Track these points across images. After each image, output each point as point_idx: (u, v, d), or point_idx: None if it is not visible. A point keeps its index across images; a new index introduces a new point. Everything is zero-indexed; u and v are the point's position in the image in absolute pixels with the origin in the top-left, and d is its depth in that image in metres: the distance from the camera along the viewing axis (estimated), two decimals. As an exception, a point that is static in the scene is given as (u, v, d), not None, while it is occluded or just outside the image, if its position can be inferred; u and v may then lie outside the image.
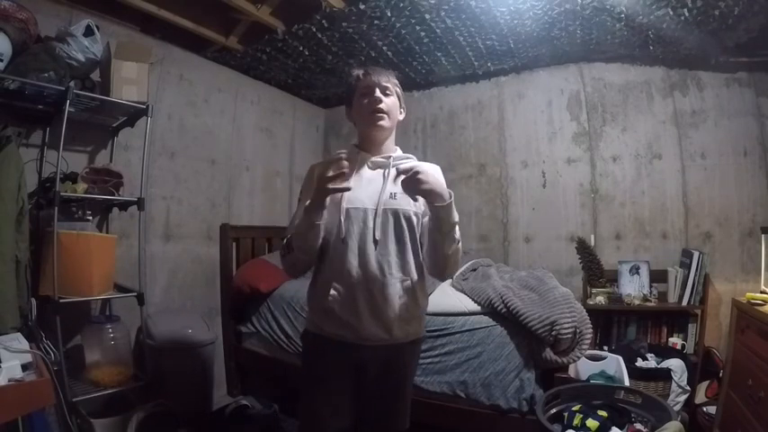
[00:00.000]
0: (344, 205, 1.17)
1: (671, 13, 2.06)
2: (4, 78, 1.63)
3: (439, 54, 2.78)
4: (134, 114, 2.10)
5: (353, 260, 1.16)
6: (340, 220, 1.17)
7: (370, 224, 1.17)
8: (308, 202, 1.12)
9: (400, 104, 1.29)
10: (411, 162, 1.26)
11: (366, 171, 1.25)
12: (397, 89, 1.27)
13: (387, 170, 1.24)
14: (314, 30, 2.40)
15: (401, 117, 1.30)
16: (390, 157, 1.26)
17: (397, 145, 1.34)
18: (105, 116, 2.12)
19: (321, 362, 1.22)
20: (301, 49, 2.64)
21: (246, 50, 2.71)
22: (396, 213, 1.20)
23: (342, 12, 2.22)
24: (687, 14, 2.04)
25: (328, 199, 1.11)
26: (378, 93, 1.22)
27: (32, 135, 1.96)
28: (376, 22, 2.31)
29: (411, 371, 1.31)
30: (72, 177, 1.93)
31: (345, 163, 1.09)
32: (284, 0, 2.27)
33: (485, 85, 3.23)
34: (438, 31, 2.44)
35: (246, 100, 3.12)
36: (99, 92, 1.94)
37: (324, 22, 2.32)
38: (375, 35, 2.47)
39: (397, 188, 1.16)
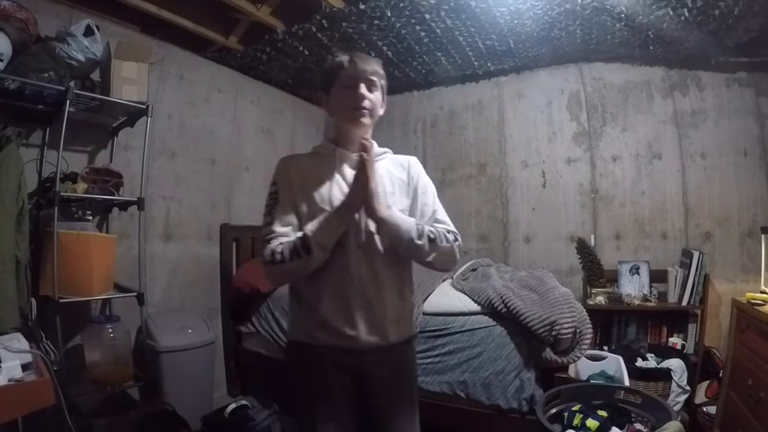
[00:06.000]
0: (331, 207, 1.08)
1: (671, 13, 2.06)
2: (4, 78, 1.63)
3: (439, 54, 2.78)
4: (134, 114, 2.10)
5: (345, 264, 1.07)
6: None
7: (360, 225, 1.09)
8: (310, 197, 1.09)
9: (383, 98, 1.17)
10: (389, 156, 1.23)
11: (347, 170, 1.14)
12: (383, 81, 1.16)
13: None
14: (314, 30, 2.40)
15: (381, 112, 1.18)
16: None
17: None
18: (105, 116, 2.12)
19: (318, 374, 1.10)
20: (301, 49, 2.64)
21: (246, 50, 2.71)
22: None
23: (342, 12, 2.22)
24: (687, 14, 2.05)
25: (307, 199, 1.09)
26: (363, 88, 1.10)
27: (32, 135, 1.96)
28: (376, 22, 2.32)
29: (413, 370, 1.25)
30: (72, 177, 1.92)
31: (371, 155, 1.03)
32: (284, 0, 2.27)
33: (485, 85, 3.23)
34: (438, 31, 2.44)
35: (246, 100, 3.12)
36: (99, 92, 1.93)
37: (324, 22, 2.32)
38: (375, 35, 2.47)
39: (380, 185, 1.11)
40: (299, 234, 1.04)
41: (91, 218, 2.13)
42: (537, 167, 3.04)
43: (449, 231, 1.12)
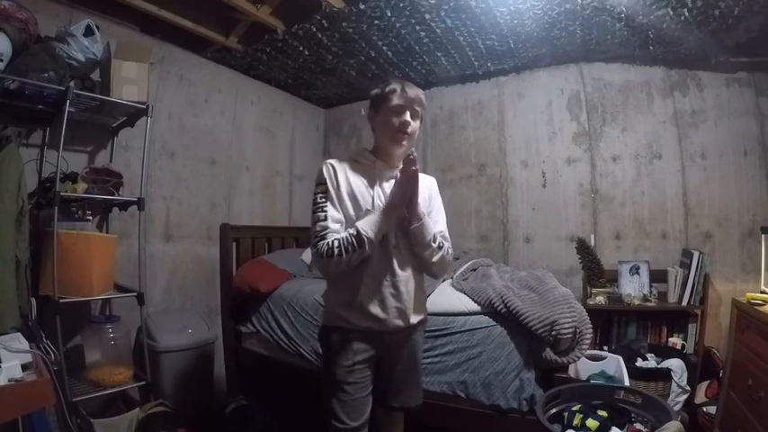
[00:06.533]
0: (373, 210, 1.30)
1: (671, 13, 2.06)
2: (4, 78, 1.63)
3: (439, 54, 2.78)
4: (134, 114, 2.10)
5: (383, 260, 1.30)
6: None
7: (396, 229, 1.31)
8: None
9: (420, 125, 1.39)
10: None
11: (384, 180, 1.36)
12: (423, 111, 1.37)
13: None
14: (314, 30, 2.40)
15: (416, 136, 1.39)
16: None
17: None
18: (105, 116, 2.12)
19: (346, 354, 1.31)
20: (301, 49, 2.64)
21: (246, 50, 2.71)
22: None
23: (342, 12, 2.22)
24: (687, 14, 2.04)
25: (352, 198, 1.30)
26: (408, 116, 1.30)
27: (32, 135, 1.96)
28: (376, 22, 2.32)
29: (420, 346, 1.49)
30: (72, 177, 1.93)
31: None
32: (284, 0, 2.27)
33: (485, 85, 3.23)
34: (438, 31, 2.44)
35: (246, 100, 3.12)
36: (99, 92, 1.94)
37: (324, 22, 2.32)
38: (375, 35, 2.47)
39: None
40: (352, 231, 1.23)
41: (91, 218, 2.13)
42: (537, 167, 3.03)
43: (449, 248, 1.39)
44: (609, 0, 2.06)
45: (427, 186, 1.45)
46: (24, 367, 1.23)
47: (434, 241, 1.31)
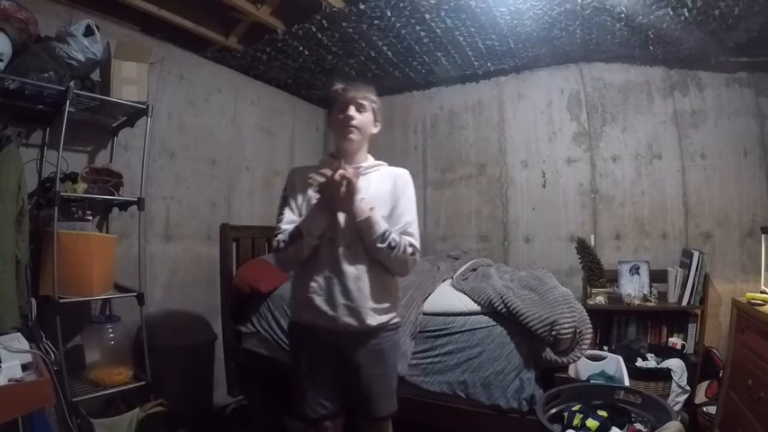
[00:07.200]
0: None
1: (671, 13, 2.06)
2: (4, 78, 1.63)
3: (439, 54, 2.78)
4: (134, 114, 2.10)
5: (333, 258, 1.32)
6: None
7: (348, 228, 1.31)
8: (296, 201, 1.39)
9: (375, 119, 1.42)
10: (383, 168, 1.45)
11: None
12: (374, 105, 1.40)
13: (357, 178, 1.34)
14: (314, 30, 2.40)
15: (375, 131, 1.43)
16: (360, 166, 1.38)
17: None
18: (105, 116, 2.12)
19: (304, 349, 1.38)
20: (301, 49, 2.64)
21: (246, 50, 2.71)
22: None
23: (342, 12, 2.22)
24: (687, 14, 2.05)
25: (307, 203, 1.35)
26: (352, 111, 1.35)
27: (32, 135, 1.96)
28: (376, 22, 2.32)
29: (388, 354, 1.39)
30: (72, 177, 1.93)
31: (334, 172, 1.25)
32: (284, 0, 2.27)
33: (485, 85, 3.23)
34: (438, 31, 2.44)
35: (246, 100, 3.12)
36: (99, 92, 1.94)
37: (324, 22, 2.32)
38: (375, 35, 2.47)
39: (365, 193, 1.31)
40: (293, 225, 1.32)
41: (91, 218, 2.13)
42: (537, 167, 3.04)
43: (410, 245, 1.32)
44: (609, 0, 2.06)
45: (391, 179, 1.42)
46: (24, 367, 1.23)
47: (383, 241, 1.27)
